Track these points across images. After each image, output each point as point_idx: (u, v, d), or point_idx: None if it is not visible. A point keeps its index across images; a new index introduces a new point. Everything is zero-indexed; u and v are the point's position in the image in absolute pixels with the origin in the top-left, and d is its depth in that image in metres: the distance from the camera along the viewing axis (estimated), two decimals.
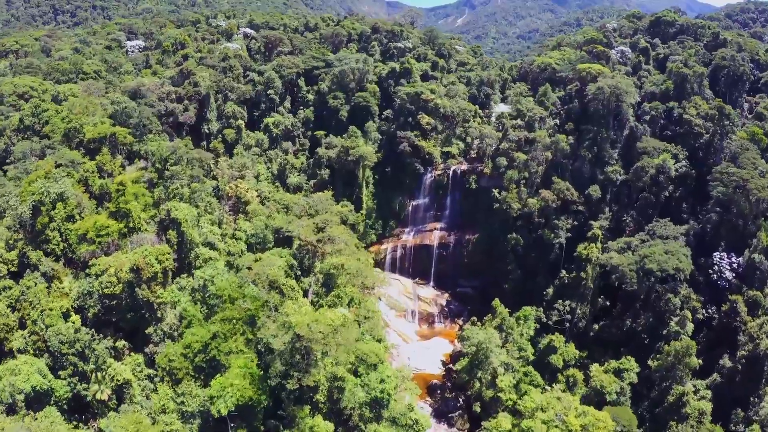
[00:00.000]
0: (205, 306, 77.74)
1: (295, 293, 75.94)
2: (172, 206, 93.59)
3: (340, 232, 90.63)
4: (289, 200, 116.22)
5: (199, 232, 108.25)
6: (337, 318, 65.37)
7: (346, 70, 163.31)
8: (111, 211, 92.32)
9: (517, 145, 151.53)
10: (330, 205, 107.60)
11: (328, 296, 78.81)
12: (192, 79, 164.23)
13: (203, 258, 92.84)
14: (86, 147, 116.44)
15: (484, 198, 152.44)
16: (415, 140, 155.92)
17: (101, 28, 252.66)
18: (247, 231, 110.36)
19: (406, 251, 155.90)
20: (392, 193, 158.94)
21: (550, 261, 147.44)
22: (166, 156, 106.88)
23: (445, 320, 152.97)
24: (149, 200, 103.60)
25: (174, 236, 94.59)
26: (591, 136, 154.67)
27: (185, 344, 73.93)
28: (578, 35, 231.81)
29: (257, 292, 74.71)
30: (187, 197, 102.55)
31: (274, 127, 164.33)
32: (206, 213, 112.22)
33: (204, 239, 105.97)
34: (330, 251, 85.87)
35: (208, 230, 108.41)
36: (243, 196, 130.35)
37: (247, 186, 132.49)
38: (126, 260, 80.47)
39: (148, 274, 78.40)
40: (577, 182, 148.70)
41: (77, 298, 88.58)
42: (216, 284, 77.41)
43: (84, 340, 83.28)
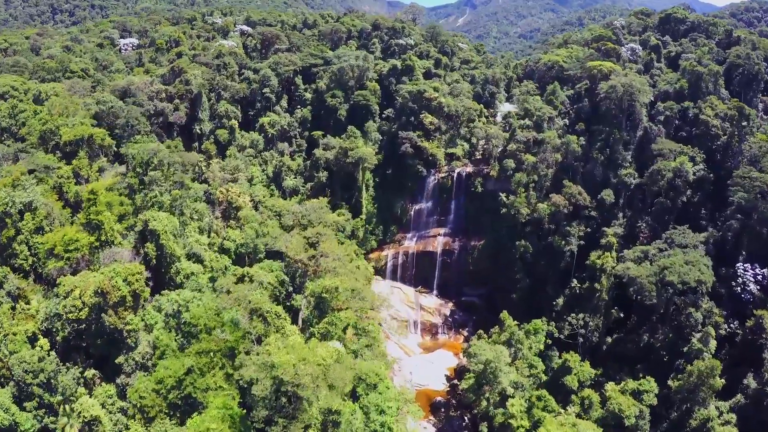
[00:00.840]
0: (180, 334, 66.49)
1: (282, 321, 64.73)
2: (150, 216, 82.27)
3: (335, 248, 79.12)
4: (282, 207, 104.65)
5: (184, 242, 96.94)
6: (329, 354, 54.26)
7: (345, 67, 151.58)
8: (82, 223, 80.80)
9: (526, 147, 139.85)
10: (325, 214, 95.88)
11: (320, 323, 67.49)
12: (183, 77, 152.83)
13: (185, 273, 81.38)
14: (63, 150, 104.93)
15: (490, 202, 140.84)
16: (417, 141, 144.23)
17: (94, 26, 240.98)
18: (236, 240, 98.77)
19: (408, 258, 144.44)
20: (393, 196, 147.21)
21: (560, 269, 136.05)
22: (146, 160, 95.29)
23: (449, 331, 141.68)
24: (128, 209, 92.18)
25: (152, 250, 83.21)
26: (603, 137, 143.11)
27: (157, 379, 62.63)
28: (585, 32, 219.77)
29: (238, 317, 63.31)
30: (167, 205, 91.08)
31: (270, 127, 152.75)
32: (192, 220, 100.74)
33: (189, 250, 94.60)
34: (323, 269, 74.58)
35: (194, 240, 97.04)
36: (234, 201, 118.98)
37: (238, 190, 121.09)
38: (92, 281, 69.06)
39: (114, 299, 67.16)
40: (589, 186, 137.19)
41: (45, 320, 77.39)
42: (191, 311, 66.11)
43: (49, 370, 72.28)
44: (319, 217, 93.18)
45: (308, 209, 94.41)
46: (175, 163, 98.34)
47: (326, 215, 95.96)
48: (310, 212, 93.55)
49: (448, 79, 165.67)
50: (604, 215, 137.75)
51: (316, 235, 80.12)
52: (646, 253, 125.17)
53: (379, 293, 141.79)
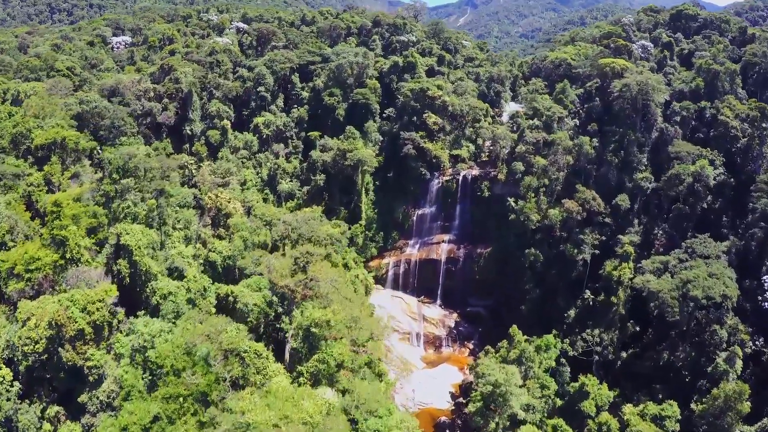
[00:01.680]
0: (147, 372, 55.99)
1: (264, 360, 54.14)
2: (122, 230, 71.51)
3: (328, 270, 68.19)
4: (273, 215, 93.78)
5: (166, 254, 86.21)
6: (317, 409, 43.89)
7: (344, 64, 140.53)
8: (45, 239, 70.12)
9: (535, 148, 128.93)
10: (318, 227, 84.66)
11: (310, 359, 56.90)
12: (173, 75, 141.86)
13: (161, 293, 70.63)
14: (34, 155, 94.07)
15: (497, 207, 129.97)
16: (420, 142, 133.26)
17: (87, 24, 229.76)
18: (222, 252, 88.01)
19: (410, 266, 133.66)
20: (395, 200, 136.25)
21: (572, 279, 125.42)
22: (120, 165, 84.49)
23: (453, 344, 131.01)
24: (104, 220, 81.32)
25: (125, 267, 72.49)
26: (617, 138, 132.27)
27: (121, 426, 52.03)
28: (593, 29, 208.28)
29: (210, 357, 52.68)
30: (143, 216, 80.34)
31: (265, 128, 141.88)
32: (175, 230, 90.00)
33: (170, 264, 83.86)
34: (314, 293, 63.89)
35: (176, 252, 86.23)
36: (224, 207, 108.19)
37: (228, 196, 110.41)
38: (49, 310, 58.45)
39: (71, 332, 56.59)
40: (602, 190, 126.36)
41: (6, 347, 66.89)
42: (156, 349, 55.53)
43: (6, 408, 61.92)
44: (311, 230, 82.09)
45: (299, 221, 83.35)
46: (153, 169, 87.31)
47: (319, 228, 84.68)
48: (301, 224, 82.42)
49: (451, 77, 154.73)
50: (619, 222, 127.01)
51: (306, 255, 69.23)
52: (666, 264, 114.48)
53: (380, 305, 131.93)
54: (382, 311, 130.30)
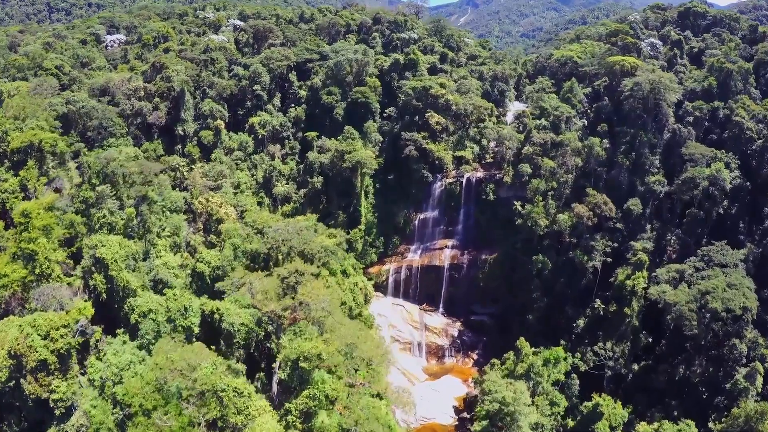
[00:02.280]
0: (118, 408, 48.73)
1: (245, 398, 46.80)
2: (97, 242, 64.13)
3: (320, 291, 60.37)
4: (264, 222, 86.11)
5: (150, 265, 78.94)
6: None
7: (342, 61, 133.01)
8: (13, 253, 62.77)
9: (543, 150, 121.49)
10: (310, 237, 76.83)
11: (299, 394, 49.58)
12: (164, 74, 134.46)
13: (140, 311, 63.28)
14: (11, 159, 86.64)
15: (503, 211, 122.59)
16: (422, 143, 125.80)
17: (81, 23, 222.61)
18: (210, 262, 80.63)
19: (411, 273, 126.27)
20: (396, 204, 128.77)
21: (581, 287, 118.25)
22: (98, 170, 77.07)
23: (456, 354, 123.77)
24: (82, 230, 73.94)
25: (101, 282, 65.14)
26: (627, 139, 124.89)
27: None
28: (599, 27, 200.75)
29: (182, 392, 45.46)
30: (120, 226, 72.98)
31: (260, 128, 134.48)
32: (160, 238, 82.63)
33: (154, 276, 76.57)
34: (304, 317, 56.41)
35: (161, 263, 78.90)
36: (215, 212, 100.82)
37: (220, 200, 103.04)
38: (9, 335, 51.12)
39: (32, 363, 49.36)
40: (613, 194, 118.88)
41: None
42: (124, 385, 48.21)
43: None
44: (303, 242, 74.40)
45: (290, 231, 75.73)
46: (133, 174, 79.78)
47: (313, 239, 76.94)
48: (293, 235, 74.73)
49: (454, 75, 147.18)
50: (630, 227, 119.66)
51: (295, 275, 61.66)
52: (682, 273, 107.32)
53: (380, 313, 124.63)
54: (383, 320, 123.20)
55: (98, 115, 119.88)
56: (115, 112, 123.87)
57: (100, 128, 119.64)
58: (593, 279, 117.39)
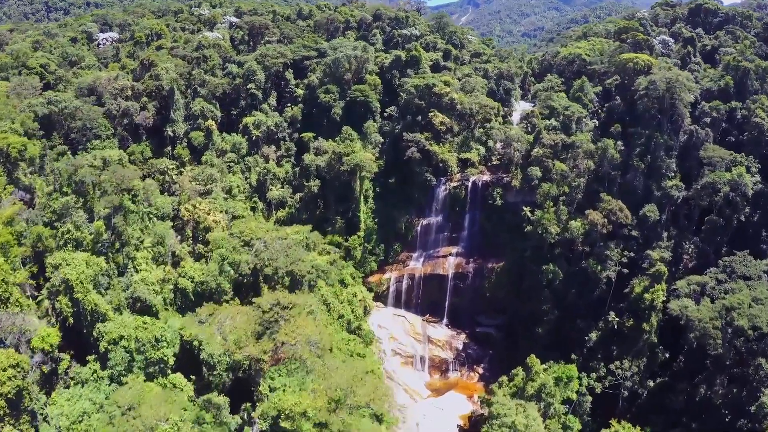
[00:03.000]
0: None
1: None
2: (60, 260, 55.57)
3: (307, 327, 50.96)
4: (252, 233, 77.05)
5: (126, 282, 70.34)
6: None
7: (341, 58, 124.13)
8: None
9: (553, 152, 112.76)
10: (300, 254, 67.44)
11: None
12: (153, 72, 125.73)
13: (109, 338, 54.65)
14: None
15: (511, 217, 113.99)
16: (425, 144, 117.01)
17: (74, 21, 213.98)
18: (194, 277, 71.93)
19: (413, 282, 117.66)
20: (397, 209, 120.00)
21: (594, 298, 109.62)
22: (66, 178, 68.43)
23: (461, 368, 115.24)
24: (50, 244, 65.26)
25: (66, 306, 56.48)
26: (642, 141, 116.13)
27: None
28: (607, 24, 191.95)
29: None
30: (89, 242, 64.31)
31: (254, 129, 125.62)
32: (140, 251, 73.94)
33: (131, 294, 67.89)
34: (287, 358, 47.56)
35: (139, 279, 70.20)
36: (203, 220, 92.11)
37: (208, 207, 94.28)
38: None
39: None
40: (627, 199, 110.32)
41: None
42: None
43: None
44: (291, 261, 65.23)
45: (277, 249, 66.79)
46: (104, 182, 70.93)
47: (303, 259, 67.75)
48: (279, 253, 65.57)
49: (458, 73, 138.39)
50: (646, 234, 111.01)
51: (276, 310, 52.38)
52: (703, 285, 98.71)
53: (380, 324, 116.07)
54: (383, 332, 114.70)
55: (83, 116, 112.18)
56: (101, 112, 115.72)
57: (84, 130, 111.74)
58: (607, 290, 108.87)
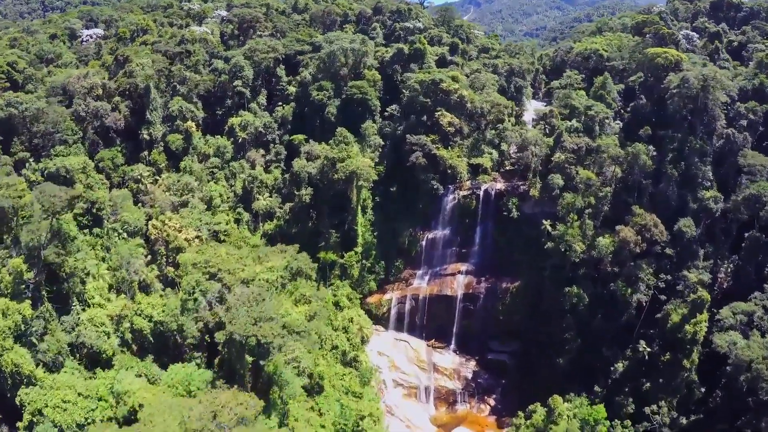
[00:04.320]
0: None
1: None
2: None
3: None
4: (218, 263, 60.88)
5: (72, 322, 55.09)
6: None
7: (336, 51, 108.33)
8: None
9: (576, 157, 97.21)
10: (270, 307, 49.94)
11: None
12: (127, 68, 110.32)
13: (33, 408, 39.52)
14: None
15: (528, 231, 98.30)
16: (432, 148, 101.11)
17: (59, 17, 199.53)
18: (153, 316, 56.50)
19: (417, 303, 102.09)
20: (399, 221, 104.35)
21: (621, 324, 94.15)
22: None
23: (470, 399, 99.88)
24: None
25: None
26: (675, 146, 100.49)
27: None
28: (623, 18, 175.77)
29: None
30: (7, 284, 49.05)
31: (241, 130, 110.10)
32: (83, 283, 58.50)
33: (75, 338, 52.56)
34: None
35: (87, 318, 54.90)
36: (172, 239, 76.51)
37: (179, 223, 78.69)
38: None
39: None
40: (660, 212, 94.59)
41: None
42: None
43: None
44: (257, 318, 47.62)
45: (242, 298, 50.82)
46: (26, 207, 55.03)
47: (273, 315, 50.69)
48: (240, 309, 48.54)
49: (466, 69, 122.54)
50: (680, 252, 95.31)
51: (230, 408, 36.86)
52: (751, 315, 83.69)
53: (380, 351, 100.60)
54: (383, 360, 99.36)
55: (47, 118, 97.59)
56: (67, 114, 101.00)
57: (48, 134, 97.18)
58: (636, 315, 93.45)
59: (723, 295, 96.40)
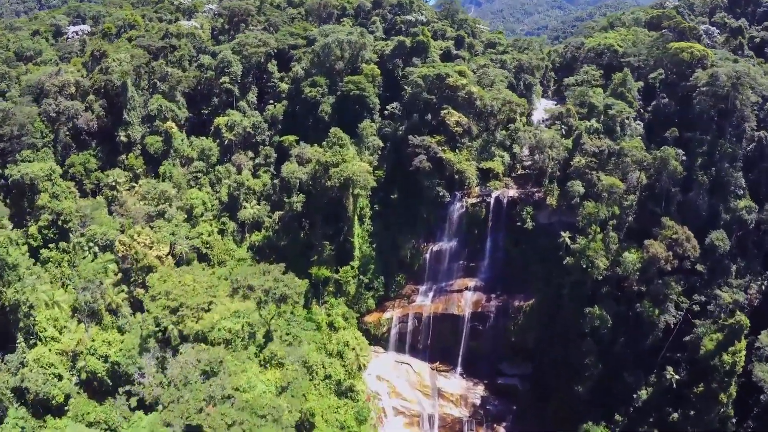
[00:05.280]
0: None
1: None
2: None
3: None
4: (180, 296, 49.84)
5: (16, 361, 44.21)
6: None
7: (331, 43, 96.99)
8: None
9: (598, 161, 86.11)
10: (223, 381, 38.19)
11: None
12: (103, 64, 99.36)
13: None
14: None
15: (545, 243, 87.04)
16: (437, 150, 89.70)
17: (46, 14, 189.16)
18: (109, 356, 45.59)
19: (421, 323, 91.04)
20: (401, 232, 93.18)
21: (646, 347, 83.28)
22: None
23: (478, 428, 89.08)
24: None
25: None
26: (704, 150, 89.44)
27: None
28: (637, 12, 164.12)
29: None
30: None
31: (227, 131, 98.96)
32: (28, 317, 47.57)
33: (18, 382, 41.76)
34: None
35: (33, 359, 44.27)
36: (141, 257, 65.41)
37: (151, 237, 67.52)
38: None
39: None
40: (689, 223, 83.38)
41: None
42: None
43: None
44: (198, 403, 36.18)
45: (187, 367, 39.86)
46: None
47: (231, 392, 39.31)
48: (190, 376, 37.77)
49: (473, 64, 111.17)
50: (710, 267, 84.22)
51: None
52: None
53: (380, 375, 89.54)
54: (383, 385, 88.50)
55: (16, 119, 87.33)
56: (35, 113, 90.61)
57: (15, 137, 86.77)
58: (664, 337, 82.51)
59: (753, 313, 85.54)
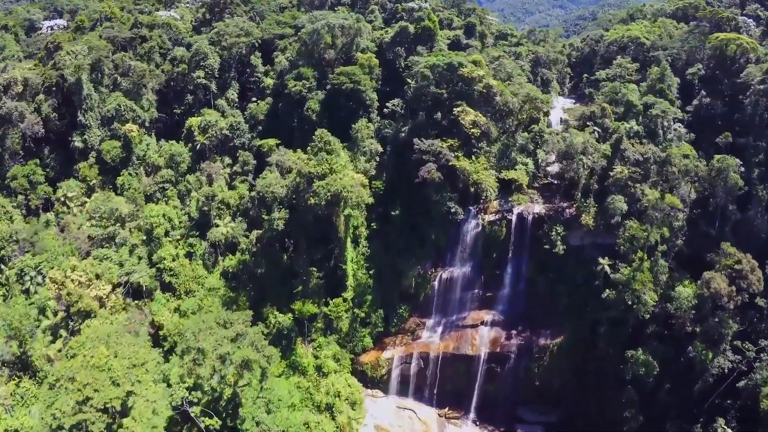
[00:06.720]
0: None
1: None
2: None
3: None
4: (99, 382, 34.94)
5: None
6: None
7: (320, 29, 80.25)
8: None
9: (643, 171, 69.93)
10: None
11: None
12: (56, 58, 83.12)
13: None
14: None
15: (576, 269, 70.85)
16: (449, 157, 72.93)
17: (23, 8, 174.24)
18: None
19: (427, 363, 74.80)
20: (403, 255, 76.37)
21: (693, 394, 67.38)
22: None
23: None
24: None
25: None
26: (761, 158, 73.42)
27: None
28: (661, 3, 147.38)
29: None
30: None
31: (200, 134, 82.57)
32: None
33: None
34: None
35: None
36: (75, 299, 49.18)
37: (91, 271, 51.40)
38: None
39: None
40: (745, 246, 67.27)
41: None
42: None
43: None
44: None
45: None
46: None
47: None
48: None
49: (486, 55, 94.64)
50: None
51: None
52: None
53: (378, 425, 73.52)
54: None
55: None
56: None
57: None
58: (715, 384, 66.65)
59: None
